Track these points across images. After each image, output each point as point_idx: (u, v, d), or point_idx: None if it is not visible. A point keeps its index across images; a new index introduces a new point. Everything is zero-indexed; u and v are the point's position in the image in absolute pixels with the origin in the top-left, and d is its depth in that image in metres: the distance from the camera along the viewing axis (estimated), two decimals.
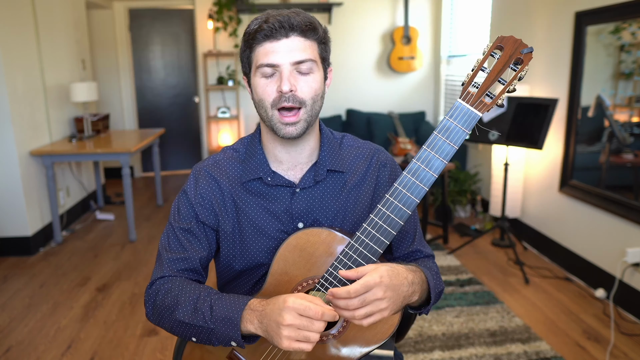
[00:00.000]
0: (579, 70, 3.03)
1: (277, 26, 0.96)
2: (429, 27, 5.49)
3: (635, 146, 2.71)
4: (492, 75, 0.89)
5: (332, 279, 0.96)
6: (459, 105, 0.90)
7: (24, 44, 3.66)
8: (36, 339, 2.51)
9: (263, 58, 0.99)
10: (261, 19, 0.99)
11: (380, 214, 0.94)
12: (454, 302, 2.83)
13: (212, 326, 0.94)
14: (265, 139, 1.11)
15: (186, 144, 6.16)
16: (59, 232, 3.82)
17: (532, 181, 3.65)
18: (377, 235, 0.94)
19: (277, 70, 0.99)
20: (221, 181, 1.10)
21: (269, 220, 1.09)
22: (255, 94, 1.03)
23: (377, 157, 1.16)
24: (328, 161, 1.11)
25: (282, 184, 1.09)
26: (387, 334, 0.98)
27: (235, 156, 1.13)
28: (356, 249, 0.95)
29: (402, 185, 0.93)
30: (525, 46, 0.88)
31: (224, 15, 5.27)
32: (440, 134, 0.91)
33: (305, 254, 1.01)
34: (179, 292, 1.00)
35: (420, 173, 0.92)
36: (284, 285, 1.02)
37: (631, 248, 2.60)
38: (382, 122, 5.15)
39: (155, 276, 1.07)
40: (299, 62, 0.98)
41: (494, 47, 0.89)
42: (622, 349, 2.36)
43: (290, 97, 0.98)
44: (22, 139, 3.55)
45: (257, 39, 0.99)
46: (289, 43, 0.97)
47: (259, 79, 1.01)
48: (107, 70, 5.78)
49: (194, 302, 0.98)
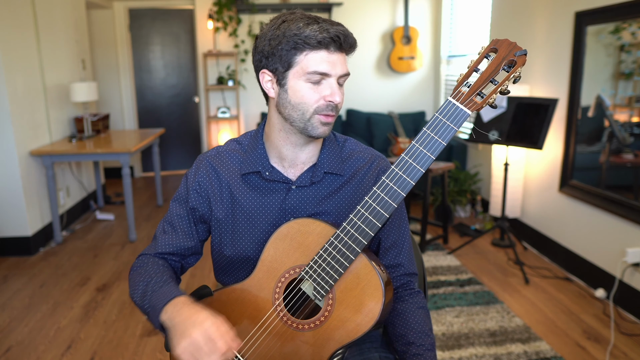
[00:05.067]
0: (579, 70, 3.03)
1: (341, 40, 1.00)
2: (429, 27, 5.49)
3: (635, 146, 2.71)
4: (484, 76, 0.91)
5: (316, 267, 1.00)
6: (450, 103, 0.92)
7: (24, 44, 3.66)
8: (36, 339, 2.51)
9: (318, 66, 1.00)
10: (320, 26, 1.00)
11: (367, 206, 0.97)
12: (454, 302, 2.83)
13: (148, 309, 1.03)
14: (276, 136, 1.11)
15: (186, 144, 6.17)
16: (59, 232, 3.82)
17: (532, 181, 3.65)
18: (362, 226, 0.97)
19: (325, 79, 1.02)
20: (220, 172, 1.15)
21: (262, 212, 1.12)
22: (295, 96, 1.03)
23: (378, 163, 1.17)
24: (327, 163, 1.13)
25: (279, 180, 1.12)
26: (367, 325, 0.99)
27: (237, 148, 1.17)
28: (342, 239, 0.98)
29: (389, 179, 0.96)
30: (519, 49, 0.89)
31: (224, 15, 5.27)
32: (429, 130, 0.93)
33: (295, 242, 1.04)
34: (142, 272, 1.11)
35: (408, 167, 0.94)
36: (272, 272, 1.06)
37: (631, 248, 2.60)
38: (382, 122, 5.15)
39: (144, 250, 1.20)
40: (344, 75, 1.05)
41: (489, 49, 0.91)
42: (622, 349, 2.36)
43: (334, 107, 1.05)
44: (22, 139, 3.55)
45: (312, 44, 0.99)
46: (340, 57, 1.03)
47: (303, 83, 1.02)
48: (107, 70, 5.78)
49: (145, 285, 1.07)
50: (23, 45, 3.64)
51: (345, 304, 1.01)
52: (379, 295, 0.98)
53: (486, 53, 0.91)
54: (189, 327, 0.92)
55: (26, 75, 3.66)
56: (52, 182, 3.74)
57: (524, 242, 3.72)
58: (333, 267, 0.99)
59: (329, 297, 1.01)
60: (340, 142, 1.19)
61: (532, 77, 3.58)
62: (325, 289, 1.00)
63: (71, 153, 3.72)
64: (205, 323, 0.92)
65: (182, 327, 0.93)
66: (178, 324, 0.95)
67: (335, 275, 0.99)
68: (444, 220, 3.75)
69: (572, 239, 3.18)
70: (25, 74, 3.64)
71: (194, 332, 0.91)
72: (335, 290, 1.01)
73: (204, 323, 0.92)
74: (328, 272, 0.99)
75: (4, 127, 3.41)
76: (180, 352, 0.91)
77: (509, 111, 3.35)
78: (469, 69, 0.92)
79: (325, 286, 1.00)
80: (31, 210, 3.63)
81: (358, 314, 1.00)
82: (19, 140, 3.50)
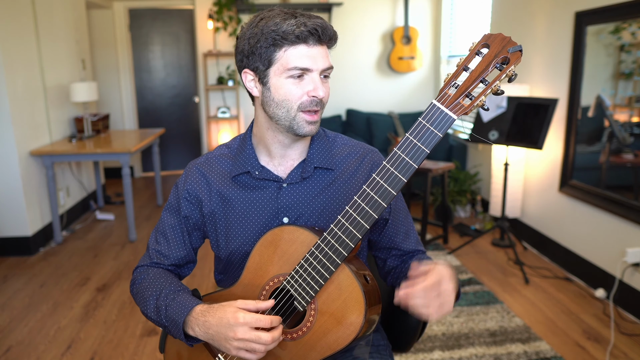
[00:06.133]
0: (579, 70, 3.03)
1: (319, 33, 0.98)
2: (429, 27, 5.49)
3: (635, 146, 2.71)
4: (473, 75, 0.82)
5: (297, 277, 0.98)
6: (434, 107, 0.85)
7: (24, 44, 3.66)
8: (36, 339, 2.51)
9: (297, 61, 0.99)
10: (297, 21, 0.98)
11: (346, 216, 0.93)
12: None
13: (167, 324, 1.05)
14: (264, 135, 1.11)
15: (186, 144, 6.16)
16: (59, 232, 3.82)
17: (532, 181, 3.65)
18: (342, 237, 0.93)
19: (306, 74, 1.00)
20: (210, 177, 1.15)
21: (255, 211, 1.12)
22: (277, 94, 1.02)
23: (370, 157, 1.16)
24: (316, 158, 1.12)
25: (270, 178, 1.11)
26: (349, 338, 0.96)
27: (226, 153, 1.18)
28: (322, 249, 0.95)
29: (370, 188, 0.91)
30: (514, 44, 0.80)
31: (224, 15, 5.27)
32: (412, 136, 0.87)
33: (280, 250, 1.03)
34: (147, 286, 1.12)
35: (390, 176, 0.89)
36: (257, 280, 1.05)
37: (631, 248, 2.60)
38: (382, 122, 5.15)
39: (139, 262, 1.20)
40: (327, 68, 1.02)
41: (480, 45, 0.82)
42: (622, 349, 2.36)
43: (318, 101, 1.02)
44: (22, 139, 3.55)
45: (291, 39, 0.98)
46: (321, 51, 1.01)
47: (284, 79, 1.01)
48: (107, 70, 5.78)
49: (155, 299, 1.08)
50: (23, 45, 3.64)
51: (327, 315, 0.98)
52: (361, 308, 0.95)
53: (477, 49, 0.82)
54: (227, 330, 0.95)
55: (26, 75, 3.66)
56: (52, 182, 3.74)
57: (524, 242, 3.72)
58: (314, 278, 0.96)
59: (311, 308, 0.99)
60: (330, 138, 1.18)
61: (532, 77, 3.58)
62: (306, 300, 0.98)
63: (71, 153, 3.72)
64: (239, 319, 0.95)
65: (223, 334, 0.96)
66: (215, 334, 0.97)
67: (315, 286, 0.96)
68: (444, 220, 3.75)
69: (572, 239, 3.18)
70: (25, 74, 3.64)
71: (236, 333, 0.94)
72: (317, 301, 0.98)
73: (237, 320, 0.95)
74: (309, 282, 0.96)
75: (4, 127, 3.41)
76: (236, 353, 0.96)
77: (509, 111, 3.35)
78: (457, 67, 0.83)
79: (306, 297, 0.98)
80: (31, 210, 3.63)
81: (340, 325, 0.97)
82: (19, 140, 3.50)
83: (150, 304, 1.08)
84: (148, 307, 1.09)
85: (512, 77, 0.82)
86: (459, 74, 0.84)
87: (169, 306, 1.04)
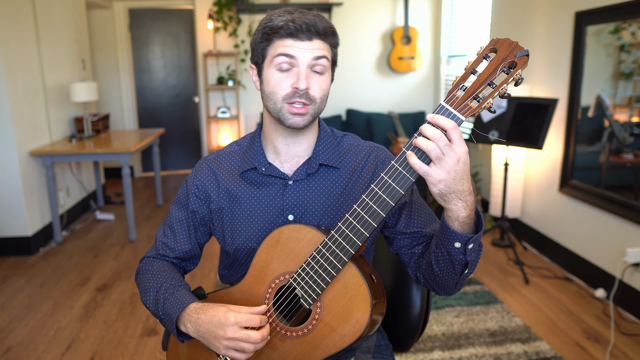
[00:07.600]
0: (579, 70, 3.03)
1: (303, 28, 0.99)
2: (429, 27, 5.49)
3: (635, 146, 2.71)
4: (481, 78, 0.84)
5: (304, 275, 0.99)
6: (442, 108, 0.86)
7: (24, 44, 3.66)
8: (36, 339, 2.51)
9: (282, 49, 1.00)
10: (287, 17, 1.00)
11: (355, 215, 0.94)
12: (454, 302, 2.83)
13: (163, 317, 1.08)
14: (268, 129, 1.13)
15: (186, 144, 6.17)
16: (59, 232, 3.82)
17: (532, 181, 3.65)
18: (350, 235, 0.94)
19: (294, 65, 1.01)
20: (219, 174, 1.17)
21: (261, 209, 1.12)
22: (267, 85, 1.04)
23: (376, 155, 1.16)
24: (322, 156, 1.12)
25: (276, 175, 1.12)
26: (354, 336, 0.97)
27: (237, 150, 1.19)
28: (329, 247, 0.96)
29: (378, 187, 0.91)
30: (521, 49, 0.83)
31: (224, 15, 5.27)
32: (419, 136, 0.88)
33: (286, 249, 1.03)
34: (150, 277, 1.14)
35: (398, 175, 0.90)
36: (263, 277, 1.06)
37: (631, 248, 2.60)
38: (382, 122, 5.15)
39: (147, 253, 1.24)
40: (317, 57, 1.01)
41: (488, 49, 0.85)
42: (622, 349, 2.36)
43: (303, 94, 1.01)
44: (22, 139, 3.55)
45: (280, 34, 1.00)
46: (310, 45, 1.01)
47: (273, 71, 1.02)
48: (107, 70, 5.78)
49: (155, 291, 1.11)
50: (23, 45, 3.63)
51: (333, 313, 0.99)
52: (367, 306, 0.96)
53: (485, 53, 0.85)
54: (217, 329, 0.98)
55: (26, 75, 3.66)
56: (52, 182, 3.74)
57: (524, 242, 3.72)
58: (320, 276, 0.97)
59: (317, 305, 1.00)
60: (338, 137, 1.18)
61: (532, 77, 3.58)
62: (312, 297, 0.98)
63: (71, 153, 3.72)
64: (229, 318, 0.97)
65: (213, 333, 0.98)
66: (206, 332, 0.99)
67: (322, 284, 0.97)
68: None
69: (572, 239, 3.18)
70: (25, 74, 3.64)
71: (226, 332, 0.96)
72: (324, 299, 0.99)
73: (228, 319, 0.97)
74: (315, 280, 0.97)
75: (4, 127, 3.41)
76: (225, 352, 0.98)
77: (509, 111, 3.35)
78: (465, 70, 0.86)
79: (312, 294, 0.98)
80: (31, 210, 3.63)
81: (345, 323, 0.98)
82: (19, 140, 3.50)
83: (150, 295, 1.11)
84: (148, 297, 1.11)
85: (518, 80, 0.84)
86: (467, 77, 0.86)
87: (166, 300, 1.07)
